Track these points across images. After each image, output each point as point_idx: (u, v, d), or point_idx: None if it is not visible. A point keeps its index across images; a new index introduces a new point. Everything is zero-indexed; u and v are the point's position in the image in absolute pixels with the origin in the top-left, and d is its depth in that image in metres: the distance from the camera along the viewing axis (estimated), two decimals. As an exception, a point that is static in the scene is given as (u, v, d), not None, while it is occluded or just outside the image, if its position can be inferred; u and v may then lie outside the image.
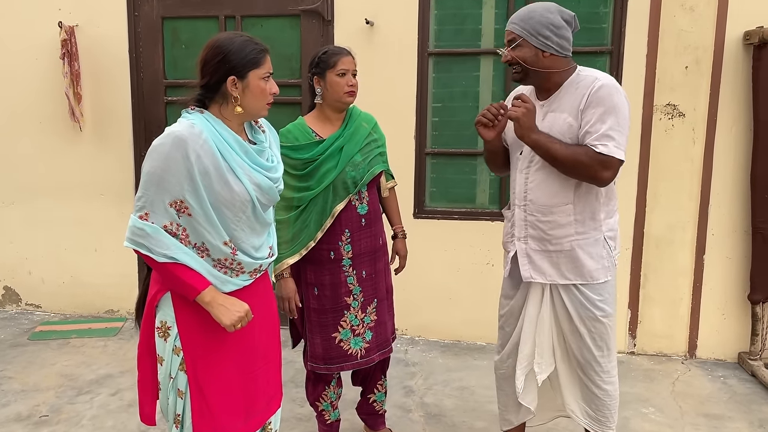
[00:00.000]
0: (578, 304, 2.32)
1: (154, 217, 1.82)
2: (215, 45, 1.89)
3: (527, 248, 2.37)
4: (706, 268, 3.87)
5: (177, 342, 1.93)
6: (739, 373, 3.77)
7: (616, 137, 2.14)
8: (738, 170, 3.77)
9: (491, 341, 4.15)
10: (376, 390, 2.90)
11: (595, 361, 2.35)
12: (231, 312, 1.89)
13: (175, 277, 1.85)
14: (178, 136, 1.80)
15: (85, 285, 4.60)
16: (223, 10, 4.18)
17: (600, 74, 2.24)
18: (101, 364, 3.83)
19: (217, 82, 1.88)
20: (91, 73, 4.34)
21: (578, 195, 2.28)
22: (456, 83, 4.05)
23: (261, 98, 1.93)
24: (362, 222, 2.64)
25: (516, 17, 2.27)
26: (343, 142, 2.57)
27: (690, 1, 3.67)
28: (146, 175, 1.81)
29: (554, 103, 2.29)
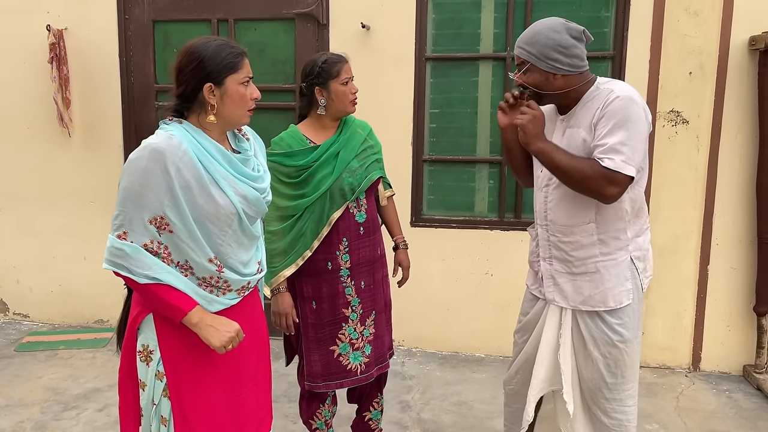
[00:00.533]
0: (593, 327, 2.18)
1: (133, 235, 1.71)
2: (189, 51, 1.78)
3: (552, 269, 2.26)
4: (711, 278, 3.78)
5: (160, 367, 1.82)
6: (745, 386, 3.68)
7: (625, 151, 2.00)
8: (743, 178, 3.68)
9: (490, 353, 4.06)
10: (372, 408, 2.80)
11: (606, 387, 2.20)
12: (221, 333, 1.78)
13: (158, 298, 1.74)
14: (155, 148, 1.70)
15: (74, 294, 4.49)
16: (215, 14, 4.08)
17: (618, 86, 2.09)
18: (89, 377, 3.72)
19: (193, 90, 1.78)
20: (80, 78, 4.24)
21: (600, 213, 2.14)
22: (454, 89, 3.96)
23: (241, 104, 1.82)
24: (360, 230, 2.55)
25: (522, 40, 2.13)
26: (338, 147, 2.48)
27: (694, 5, 3.58)
28: (123, 191, 1.71)
29: (572, 119, 2.16)
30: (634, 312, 2.19)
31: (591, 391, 2.24)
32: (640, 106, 2.05)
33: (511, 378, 2.47)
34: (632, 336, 2.19)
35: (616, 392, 2.20)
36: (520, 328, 2.44)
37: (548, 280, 2.27)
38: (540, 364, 2.28)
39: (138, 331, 1.84)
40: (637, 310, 2.20)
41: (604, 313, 2.17)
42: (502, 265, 3.96)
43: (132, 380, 1.88)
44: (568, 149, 2.12)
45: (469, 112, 3.97)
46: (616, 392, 2.20)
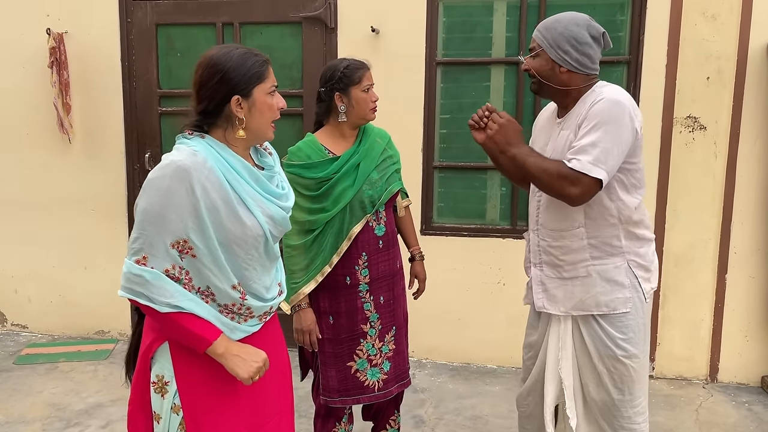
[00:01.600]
0: (597, 340, 2.12)
1: (153, 261, 1.58)
2: (211, 63, 1.65)
3: (542, 275, 2.21)
4: (729, 287, 3.69)
5: (176, 399, 1.70)
6: (764, 398, 3.59)
7: (594, 153, 1.93)
8: (762, 185, 3.60)
9: (502, 364, 3.97)
10: (388, 426, 2.70)
11: (613, 405, 2.14)
12: (248, 363, 1.66)
13: (181, 328, 1.62)
14: (180, 166, 1.57)
15: (74, 304, 4.37)
16: (220, 17, 3.98)
17: (608, 90, 2.05)
18: (91, 391, 3.61)
19: (218, 105, 1.65)
20: (81, 83, 4.13)
21: (589, 217, 2.09)
22: (465, 94, 3.87)
23: (269, 116, 1.71)
24: (380, 244, 2.46)
25: (542, 25, 2.12)
26: (359, 158, 2.40)
27: (712, 8, 3.51)
28: (143, 213, 1.58)
29: (566, 121, 2.13)
30: (638, 326, 2.13)
31: (600, 408, 2.18)
32: (625, 109, 1.99)
33: (524, 399, 2.40)
34: (638, 351, 2.13)
35: (624, 409, 2.14)
36: (526, 344, 2.37)
37: (537, 286, 2.22)
38: (549, 382, 2.22)
39: (152, 361, 1.72)
40: (642, 324, 2.14)
41: (605, 325, 2.11)
42: (514, 274, 3.86)
43: (144, 413, 1.75)
44: (558, 151, 2.10)
45: (481, 117, 3.87)
46: (624, 409, 2.14)
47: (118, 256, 4.26)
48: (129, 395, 1.80)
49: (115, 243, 4.25)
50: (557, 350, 2.20)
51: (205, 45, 4.05)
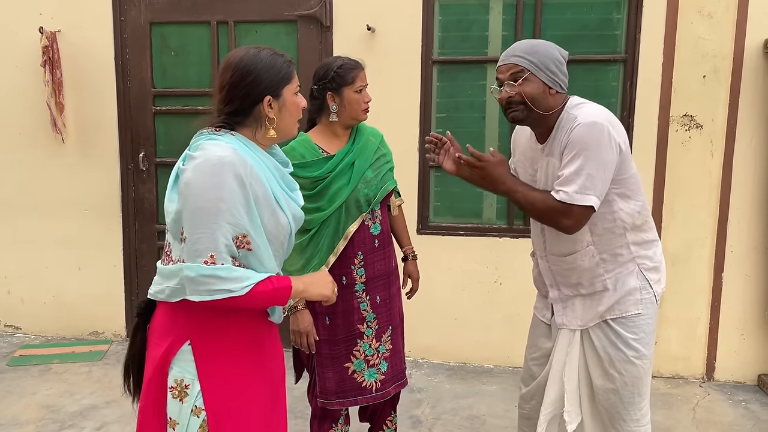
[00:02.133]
0: (608, 343, 2.11)
1: (219, 257, 1.57)
2: (241, 65, 1.67)
3: (560, 294, 2.20)
4: (725, 286, 3.69)
5: (197, 401, 1.67)
6: (761, 396, 3.59)
7: (579, 181, 1.93)
8: (758, 184, 3.60)
9: (499, 363, 3.96)
10: (385, 426, 2.68)
11: (624, 409, 2.13)
12: (324, 283, 1.78)
13: (262, 295, 1.62)
14: (228, 161, 1.57)
15: (68, 305, 4.34)
16: (214, 16, 3.95)
17: (583, 111, 2.01)
18: (85, 393, 3.57)
19: (250, 106, 1.68)
20: (74, 82, 4.10)
21: (596, 234, 2.08)
22: (461, 93, 3.86)
23: (295, 115, 1.76)
24: (375, 243, 2.45)
25: (518, 50, 2.04)
26: (353, 157, 2.38)
27: (708, 7, 3.50)
28: (199, 211, 1.56)
29: (548, 147, 2.10)
30: (649, 326, 2.13)
31: (608, 412, 2.16)
32: (603, 129, 1.95)
33: (526, 402, 2.38)
34: (648, 352, 2.13)
35: (633, 412, 2.14)
36: (537, 357, 2.33)
37: (557, 305, 2.21)
38: (551, 383, 2.21)
39: (170, 366, 1.68)
40: (652, 324, 2.15)
41: (617, 327, 2.10)
42: (511, 273, 3.86)
43: (159, 419, 1.70)
44: (550, 181, 2.08)
45: (477, 116, 3.87)
46: (633, 412, 2.14)
47: (112, 256, 4.26)
48: (126, 398, 1.79)
49: (110, 243, 4.22)
50: (564, 356, 2.19)
51: (200, 44, 4.03)
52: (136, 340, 1.78)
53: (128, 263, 4.25)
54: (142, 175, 4.16)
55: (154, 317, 1.75)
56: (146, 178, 4.17)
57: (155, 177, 4.16)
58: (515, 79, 2.02)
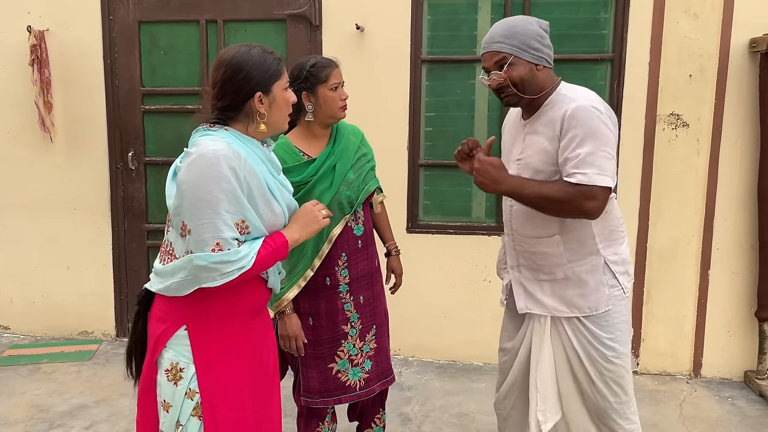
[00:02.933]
0: (585, 343, 2.11)
1: (225, 243, 1.67)
2: (232, 62, 1.75)
3: (521, 277, 2.20)
4: (712, 283, 3.73)
5: (192, 384, 1.76)
6: (747, 393, 3.63)
7: (597, 163, 1.93)
8: (744, 182, 3.63)
9: (488, 361, 3.98)
10: (374, 424, 2.70)
11: (611, 408, 2.13)
12: (313, 217, 1.87)
13: (265, 260, 1.74)
14: (222, 154, 1.66)
15: (57, 305, 4.32)
16: (204, 15, 3.95)
17: (579, 93, 2.03)
18: (74, 392, 3.57)
19: (241, 102, 1.76)
20: (62, 81, 4.08)
21: (564, 226, 2.08)
22: (450, 92, 3.87)
23: (285, 110, 1.84)
24: (359, 244, 2.46)
25: (498, 35, 2.03)
26: (334, 159, 2.38)
27: (694, 6, 3.53)
28: (200, 202, 1.65)
29: (534, 124, 2.10)
30: (623, 323, 2.14)
31: (598, 413, 2.17)
32: (603, 113, 1.98)
33: (501, 402, 2.40)
34: (626, 349, 2.14)
35: (622, 411, 2.15)
36: (502, 348, 2.36)
37: (518, 288, 2.21)
38: (534, 387, 2.19)
39: (164, 350, 1.78)
40: (626, 321, 2.15)
41: (591, 326, 2.10)
42: (500, 271, 3.87)
43: (152, 401, 1.81)
44: (528, 155, 2.08)
45: (466, 115, 3.88)
46: (622, 411, 2.15)
47: (102, 255, 4.25)
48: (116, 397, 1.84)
49: (98, 242, 4.21)
50: (539, 354, 2.19)
51: (189, 43, 4.02)
52: (137, 328, 1.87)
53: (117, 263, 4.24)
54: (131, 174, 4.15)
55: (154, 305, 1.83)
56: (135, 177, 4.16)
57: (144, 176, 4.16)
58: (500, 66, 2.03)
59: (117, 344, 4.21)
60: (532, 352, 2.20)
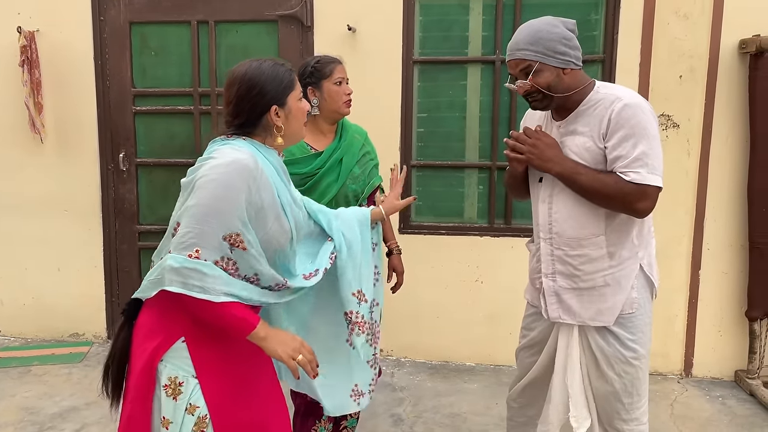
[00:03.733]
0: (604, 345, 2.08)
1: (205, 253, 1.63)
2: (245, 79, 1.75)
3: (555, 286, 2.14)
4: (702, 283, 3.75)
5: (192, 399, 1.70)
6: (737, 392, 3.65)
7: (650, 162, 1.93)
8: (734, 183, 3.65)
9: (480, 362, 3.99)
10: (349, 416, 2.71)
11: (623, 408, 2.11)
12: (287, 345, 1.73)
13: (230, 315, 1.67)
14: (244, 164, 1.66)
15: (47, 307, 4.30)
16: (195, 15, 3.94)
17: (622, 92, 2.01)
18: (65, 395, 3.55)
19: (258, 117, 1.77)
20: (53, 82, 4.06)
21: (611, 225, 2.04)
22: (442, 92, 3.88)
23: (301, 120, 1.85)
24: None
25: (522, 42, 2.01)
26: (341, 153, 2.44)
27: (684, 8, 3.55)
28: (201, 207, 1.63)
29: (571, 125, 2.06)
30: (646, 325, 2.11)
31: (606, 413, 2.15)
32: (649, 111, 1.98)
33: (518, 396, 2.39)
34: (645, 351, 2.11)
35: (632, 411, 2.13)
36: (526, 346, 2.33)
37: (551, 297, 2.15)
38: (556, 389, 2.18)
39: (160, 365, 1.71)
40: (649, 323, 2.13)
41: (614, 328, 2.08)
42: (492, 271, 3.89)
43: (145, 419, 1.72)
44: (574, 156, 2.04)
45: (458, 116, 3.89)
46: (632, 411, 2.13)
47: (92, 257, 4.23)
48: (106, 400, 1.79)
49: (89, 244, 4.19)
50: (564, 358, 2.16)
51: (180, 44, 4.01)
52: (119, 339, 1.80)
53: (108, 264, 4.22)
54: (122, 175, 4.14)
55: (141, 316, 1.77)
56: (126, 179, 4.14)
57: (135, 177, 4.14)
58: (526, 73, 2.01)
59: (108, 346, 4.18)
60: (559, 356, 2.16)
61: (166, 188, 4.14)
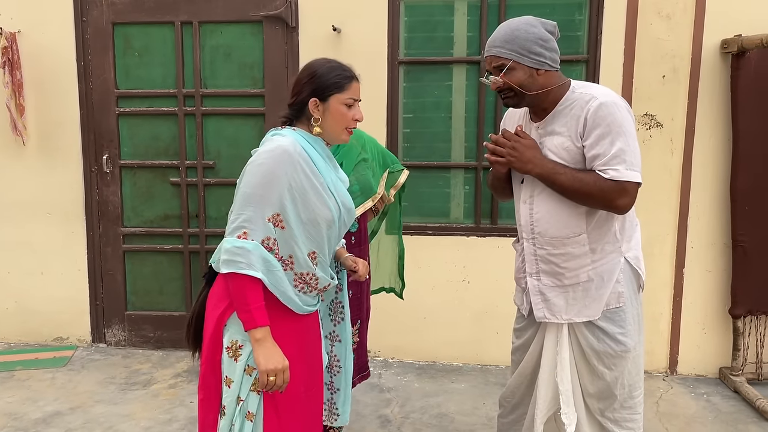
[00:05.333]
0: (595, 341, 2.10)
1: (253, 234, 1.82)
2: (308, 66, 1.97)
3: (540, 285, 2.15)
4: (686, 281, 3.78)
5: (250, 361, 1.89)
6: (722, 389, 3.68)
7: (627, 159, 1.95)
8: (717, 181, 3.69)
9: (468, 361, 3.99)
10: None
11: (616, 401, 2.14)
12: (272, 360, 1.85)
13: (251, 299, 1.81)
14: (285, 149, 1.83)
15: (31, 311, 4.25)
16: (179, 16, 3.92)
17: (597, 90, 2.03)
18: (49, 399, 3.51)
19: (302, 102, 1.93)
20: (35, 83, 4.02)
21: (592, 222, 2.06)
22: (428, 93, 3.88)
23: (340, 122, 1.94)
24: (352, 240, 2.55)
25: (498, 40, 2.04)
26: (340, 158, 2.49)
27: (667, 8, 3.58)
28: (247, 194, 1.82)
29: (549, 125, 2.08)
30: (634, 317, 2.13)
31: (600, 406, 2.17)
32: (624, 108, 2.01)
33: (506, 397, 2.40)
34: (636, 342, 2.13)
35: (626, 402, 2.15)
36: (516, 349, 2.34)
37: (536, 297, 2.16)
38: (543, 384, 2.19)
39: (225, 328, 1.90)
40: (637, 315, 2.15)
41: (602, 323, 2.10)
42: (479, 271, 3.89)
43: (215, 374, 1.94)
44: (546, 155, 2.07)
45: (444, 116, 3.89)
46: (626, 402, 2.15)
47: (76, 260, 4.19)
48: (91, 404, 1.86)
49: (73, 247, 4.15)
50: (554, 356, 2.17)
51: (164, 44, 3.98)
52: (198, 302, 2.02)
53: (93, 267, 4.18)
54: (106, 177, 4.10)
55: (215, 284, 1.97)
56: (110, 181, 4.11)
57: (119, 179, 4.10)
58: (500, 70, 2.03)
59: (93, 350, 4.15)
60: (546, 354, 2.18)
61: (150, 190, 4.11)
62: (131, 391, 3.58)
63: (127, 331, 4.22)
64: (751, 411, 3.41)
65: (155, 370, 3.88)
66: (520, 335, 2.32)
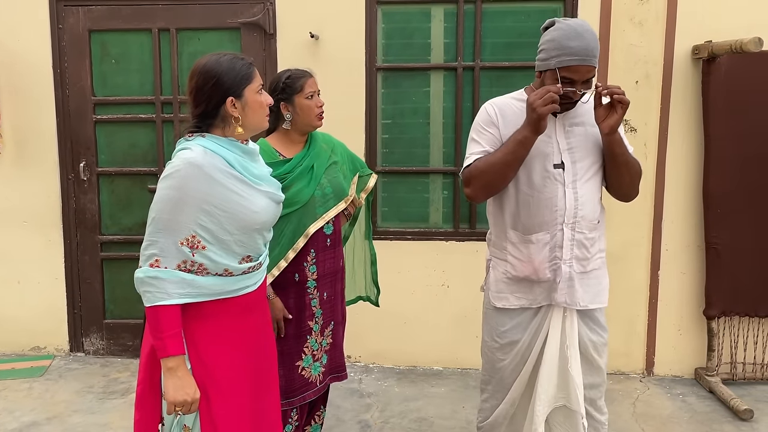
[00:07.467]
0: (590, 330, 2.23)
1: (165, 261, 1.76)
2: (204, 70, 1.84)
3: (572, 271, 2.18)
4: (661, 283, 3.83)
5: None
6: (697, 389, 3.73)
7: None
8: (689, 185, 3.75)
9: (448, 365, 4.01)
10: (313, 421, 2.73)
11: (598, 389, 2.28)
12: (182, 390, 1.78)
13: (164, 326, 1.76)
14: (191, 162, 1.75)
15: (7, 320, 4.20)
16: (156, 23, 3.91)
17: None
18: (25, 410, 3.47)
19: (215, 107, 1.84)
20: (10, 91, 3.99)
21: (602, 210, 2.27)
22: (406, 99, 3.91)
23: (260, 111, 1.90)
24: (327, 242, 2.55)
25: (596, 49, 2.05)
26: (312, 160, 2.50)
27: (639, 15, 3.64)
28: (153, 222, 1.75)
29: (574, 116, 2.18)
30: None
31: (592, 396, 2.26)
32: None
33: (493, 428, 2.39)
34: None
35: (604, 389, 2.30)
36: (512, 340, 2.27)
37: (564, 284, 2.17)
38: (545, 378, 2.20)
39: None
40: None
41: (597, 314, 2.24)
42: (458, 276, 3.92)
43: (153, 391, 1.87)
44: (579, 147, 2.16)
45: (422, 122, 3.92)
46: (604, 389, 2.30)
47: (53, 269, 4.15)
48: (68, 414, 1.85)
49: (50, 255, 4.11)
50: (557, 350, 2.20)
51: (141, 51, 3.97)
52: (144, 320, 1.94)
53: (70, 276, 4.15)
54: (83, 185, 4.07)
55: None
56: (87, 189, 4.08)
57: (97, 187, 4.08)
58: (588, 79, 2.09)
59: (71, 359, 4.12)
60: (549, 347, 2.20)
61: (128, 197, 4.09)
62: (109, 401, 3.55)
63: (106, 340, 4.19)
64: (725, 411, 3.46)
65: (134, 379, 3.85)
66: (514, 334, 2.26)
